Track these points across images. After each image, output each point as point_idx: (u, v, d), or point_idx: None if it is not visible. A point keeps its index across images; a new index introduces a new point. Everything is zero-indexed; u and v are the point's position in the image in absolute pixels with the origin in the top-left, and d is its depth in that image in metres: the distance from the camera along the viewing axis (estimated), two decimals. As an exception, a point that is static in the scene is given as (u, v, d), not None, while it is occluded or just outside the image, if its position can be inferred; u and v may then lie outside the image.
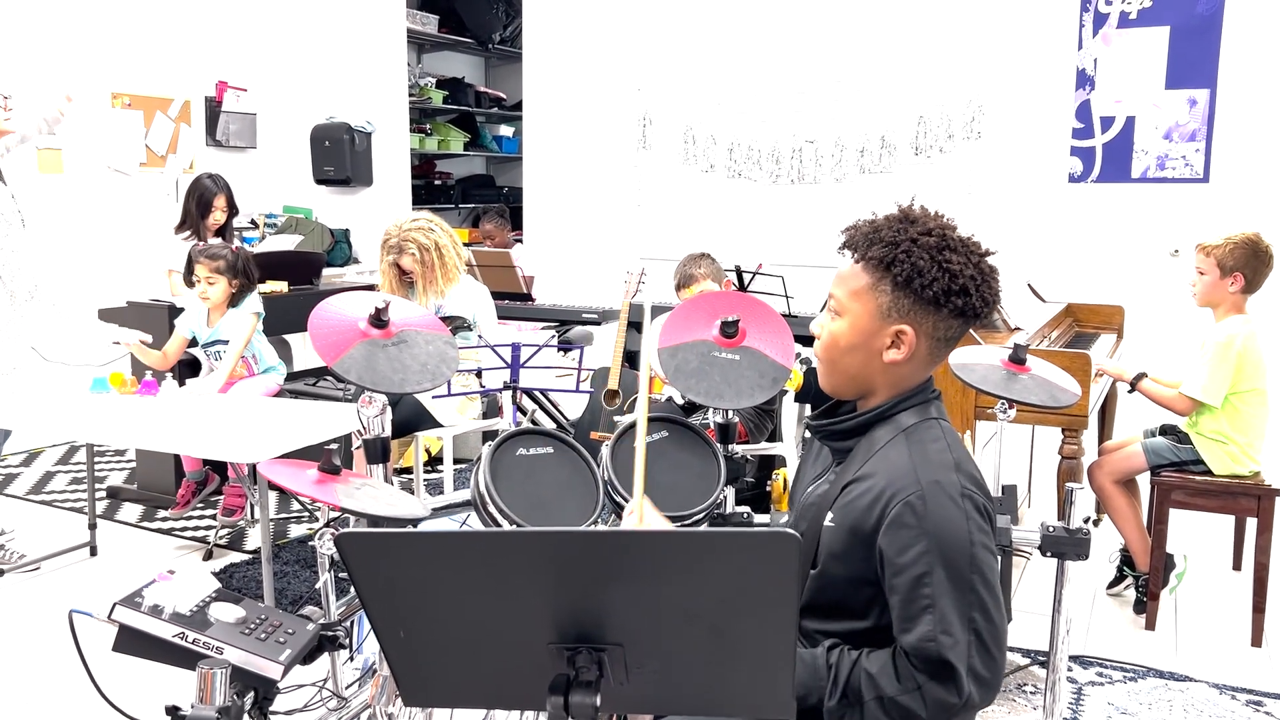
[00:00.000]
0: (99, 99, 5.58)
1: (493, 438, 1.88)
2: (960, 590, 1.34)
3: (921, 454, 1.43)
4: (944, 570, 1.34)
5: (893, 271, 1.44)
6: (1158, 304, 4.66)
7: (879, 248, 1.45)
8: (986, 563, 1.37)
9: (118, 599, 1.48)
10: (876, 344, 1.47)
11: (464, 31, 7.87)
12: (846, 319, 1.49)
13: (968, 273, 1.43)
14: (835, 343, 1.50)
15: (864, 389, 1.52)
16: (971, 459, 1.47)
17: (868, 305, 1.47)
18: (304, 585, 3.49)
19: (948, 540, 1.35)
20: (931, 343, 1.47)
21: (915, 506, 1.37)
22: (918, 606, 1.34)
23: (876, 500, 1.41)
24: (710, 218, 5.78)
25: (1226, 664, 3.01)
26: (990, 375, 2.37)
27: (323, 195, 6.73)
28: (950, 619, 1.33)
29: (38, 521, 4.16)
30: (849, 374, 1.51)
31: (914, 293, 1.43)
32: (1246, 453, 3.13)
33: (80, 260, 5.46)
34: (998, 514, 1.57)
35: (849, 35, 5.32)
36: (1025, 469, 4.30)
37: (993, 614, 1.36)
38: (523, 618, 1.06)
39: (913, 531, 1.36)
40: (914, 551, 1.35)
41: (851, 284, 1.48)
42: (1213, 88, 4.60)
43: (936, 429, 1.47)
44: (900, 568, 1.36)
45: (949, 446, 1.45)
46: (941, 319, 1.46)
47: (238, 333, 3.84)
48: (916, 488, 1.38)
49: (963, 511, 1.37)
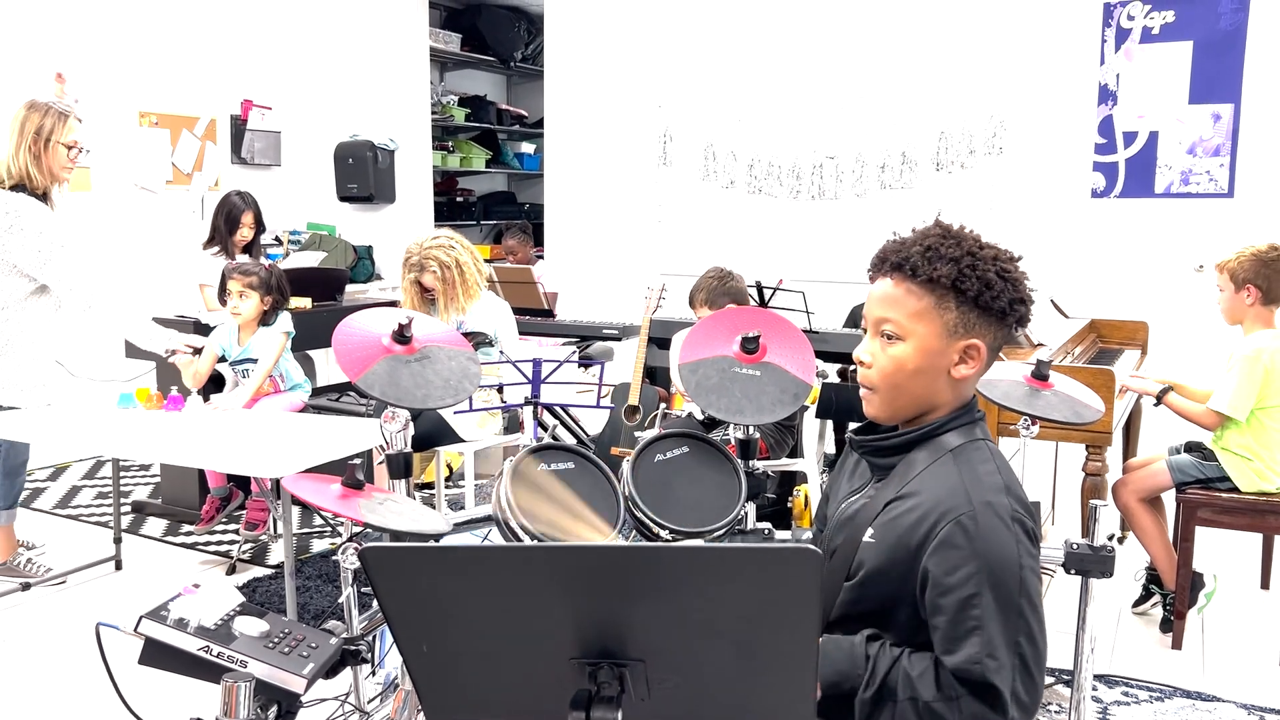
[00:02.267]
0: (126, 117, 5.65)
1: (514, 453, 1.89)
2: (1008, 614, 1.34)
3: (972, 475, 1.42)
4: (992, 593, 1.33)
5: (960, 287, 1.43)
6: (1182, 320, 4.63)
7: (944, 265, 1.43)
8: (1033, 586, 1.37)
9: (144, 612, 1.49)
10: (944, 362, 1.47)
11: (486, 50, 7.93)
12: (911, 341, 1.46)
13: (1024, 280, 1.48)
14: (901, 367, 1.47)
15: (926, 408, 1.51)
16: (1019, 483, 1.46)
17: (933, 325, 1.45)
18: (326, 600, 3.50)
19: (998, 563, 1.34)
20: (991, 354, 1.49)
21: (967, 527, 1.36)
22: (965, 628, 1.34)
23: (924, 518, 1.40)
24: (731, 234, 5.79)
25: (1255, 684, 2.97)
26: (1013, 391, 2.36)
27: (346, 212, 6.78)
28: (997, 642, 1.32)
29: (64, 536, 4.20)
30: (915, 395, 1.49)
31: (982, 306, 1.44)
32: (1273, 469, 3.10)
33: (107, 277, 5.52)
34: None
35: (870, 51, 5.33)
36: (1049, 486, 4.27)
37: (1037, 638, 1.36)
38: (545, 633, 1.06)
39: (963, 552, 1.35)
40: (963, 572, 1.34)
41: (910, 306, 1.46)
42: (1237, 102, 4.58)
43: (985, 450, 1.47)
44: (948, 588, 1.35)
45: (999, 469, 1.44)
46: (1002, 329, 1.48)
47: (268, 351, 3.87)
48: (969, 508, 1.37)
49: (1013, 535, 1.37)
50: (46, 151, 3.41)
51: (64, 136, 3.43)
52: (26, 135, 3.39)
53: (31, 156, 3.39)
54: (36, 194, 3.43)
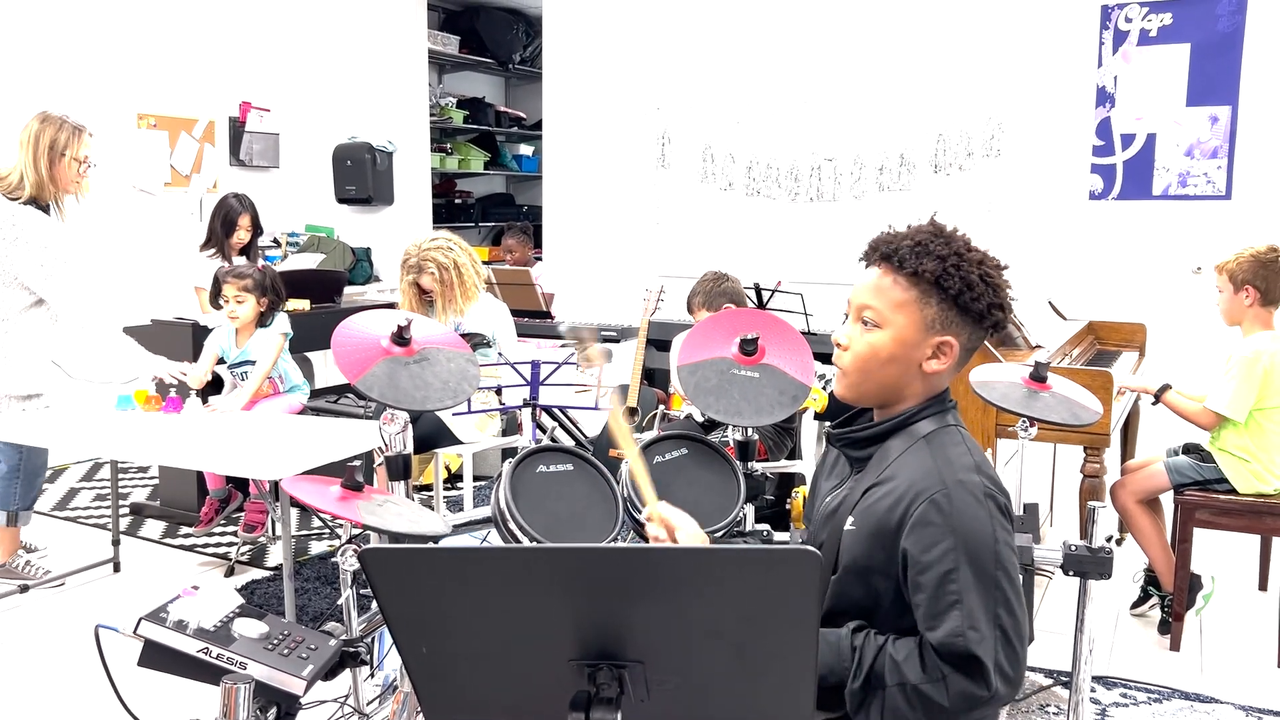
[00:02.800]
0: (125, 119, 5.65)
1: (513, 455, 1.89)
2: (986, 586, 1.37)
3: (944, 457, 1.46)
4: (970, 567, 1.37)
5: (943, 285, 1.47)
6: (1180, 322, 4.63)
7: (931, 261, 1.47)
8: (1009, 559, 1.40)
9: (143, 614, 1.49)
10: (917, 355, 1.50)
11: (484, 52, 7.94)
12: (889, 330, 1.50)
13: (1006, 288, 1.51)
14: (875, 354, 1.51)
15: (892, 398, 1.54)
16: (990, 463, 1.50)
17: (913, 317, 1.49)
18: (324, 602, 3.50)
19: (973, 537, 1.38)
20: (964, 353, 1.53)
21: (940, 504, 1.40)
22: (944, 603, 1.37)
23: (899, 501, 1.43)
24: (729, 236, 5.79)
25: (1253, 685, 2.98)
26: (1011, 393, 2.36)
27: (345, 214, 6.78)
28: (977, 615, 1.36)
29: (62, 538, 4.20)
30: (883, 383, 1.53)
31: (961, 306, 1.48)
32: (1270, 470, 3.10)
33: (105, 279, 5.52)
34: (1019, 530, 1.59)
35: (868, 53, 5.34)
36: (1047, 487, 4.27)
37: (1016, 610, 1.39)
38: (544, 634, 1.06)
39: (938, 529, 1.39)
40: (940, 548, 1.38)
41: (894, 296, 1.50)
42: (1234, 104, 4.59)
43: (956, 434, 1.51)
44: (925, 565, 1.39)
45: (969, 450, 1.49)
46: (978, 330, 1.51)
47: (266, 353, 3.87)
48: (941, 487, 1.41)
49: (986, 510, 1.41)
50: (58, 165, 3.44)
51: (77, 151, 3.46)
52: (41, 148, 3.41)
53: (45, 169, 3.41)
54: (44, 206, 3.45)
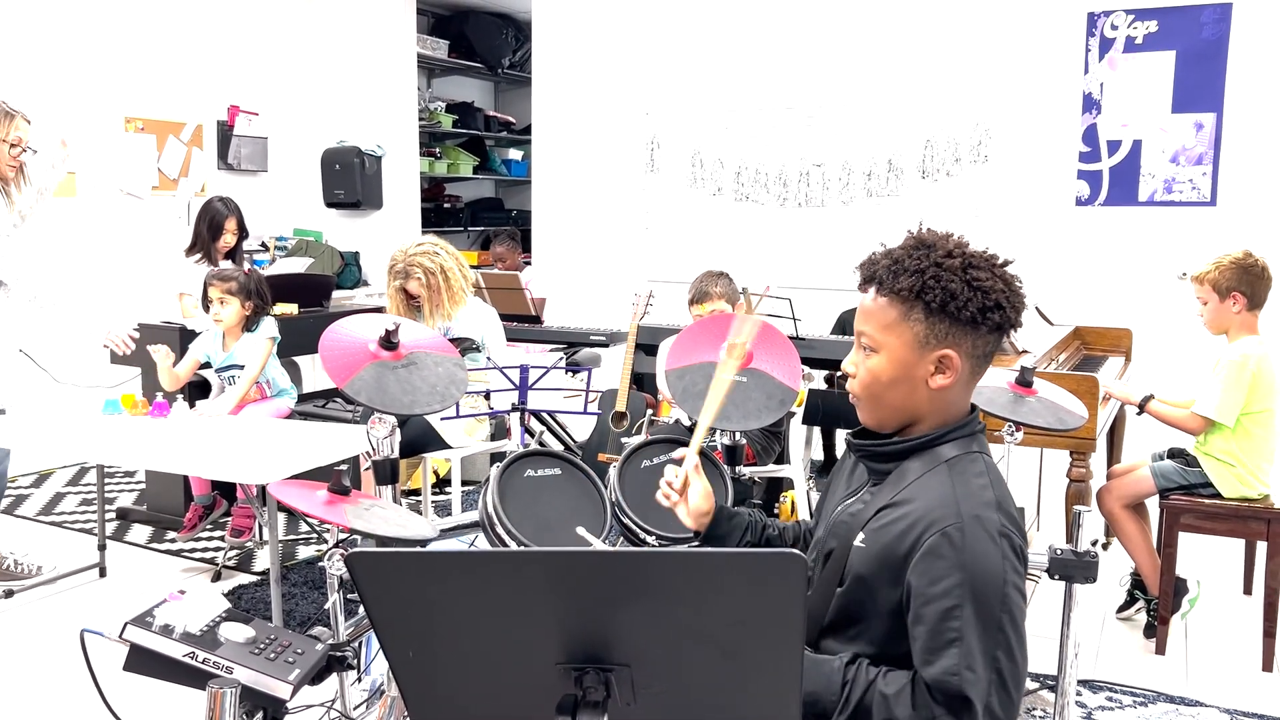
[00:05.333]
0: (112, 123, 5.64)
1: (501, 459, 1.89)
2: (988, 628, 1.33)
3: (964, 487, 1.42)
4: (974, 605, 1.33)
5: (924, 299, 1.44)
6: (1166, 327, 4.66)
7: (906, 277, 1.45)
8: (1016, 604, 1.36)
9: (129, 619, 1.49)
10: (920, 373, 1.47)
11: (474, 56, 7.93)
12: (884, 354, 1.48)
13: (998, 287, 1.45)
14: (876, 379, 1.49)
15: (910, 419, 1.51)
16: (1012, 498, 1.46)
17: (903, 337, 1.46)
18: (312, 607, 3.49)
19: (982, 576, 1.34)
20: (973, 362, 1.48)
21: (953, 538, 1.36)
22: (943, 639, 1.33)
23: (912, 528, 1.40)
24: (718, 240, 5.80)
25: (1238, 689, 2.99)
26: (997, 398, 2.37)
27: (333, 218, 6.77)
28: (975, 655, 1.32)
29: (48, 542, 4.17)
30: (895, 406, 1.50)
31: (949, 316, 1.44)
32: (1256, 475, 3.12)
33: (92, 283, 5.50)
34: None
35: (856, 59, 5.36)
36: (1033, 492, 4.29)
37: (1016, 655, 1.35)
38: (530, 638, 1.07)
39: (947, 563, 1.35)
40: (946, 583, 1.34)
41: (880, 318, 1.48)
42: (1219, 111, 4.62)
43: (980, 464, 1.47)
44: (930, 598, 1.35)
45: (991, 484, 1.44)
46: (979, 337, 1.46)
47: (254, 357, 3.86)
48: (956, 520, 1.37)
49: (999, 550, 1.36)
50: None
51: (7, 134, 3.49)
52: None
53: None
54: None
